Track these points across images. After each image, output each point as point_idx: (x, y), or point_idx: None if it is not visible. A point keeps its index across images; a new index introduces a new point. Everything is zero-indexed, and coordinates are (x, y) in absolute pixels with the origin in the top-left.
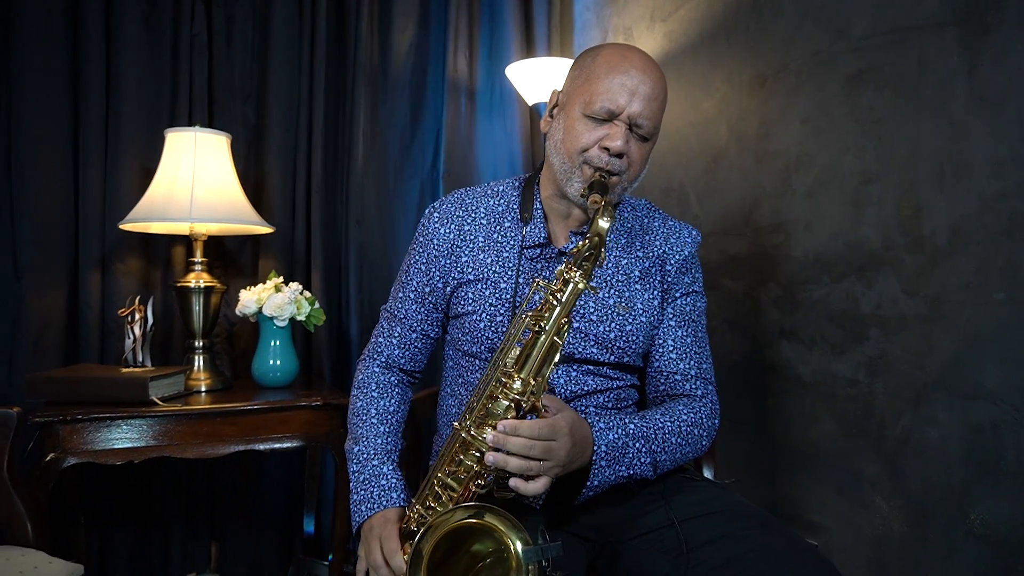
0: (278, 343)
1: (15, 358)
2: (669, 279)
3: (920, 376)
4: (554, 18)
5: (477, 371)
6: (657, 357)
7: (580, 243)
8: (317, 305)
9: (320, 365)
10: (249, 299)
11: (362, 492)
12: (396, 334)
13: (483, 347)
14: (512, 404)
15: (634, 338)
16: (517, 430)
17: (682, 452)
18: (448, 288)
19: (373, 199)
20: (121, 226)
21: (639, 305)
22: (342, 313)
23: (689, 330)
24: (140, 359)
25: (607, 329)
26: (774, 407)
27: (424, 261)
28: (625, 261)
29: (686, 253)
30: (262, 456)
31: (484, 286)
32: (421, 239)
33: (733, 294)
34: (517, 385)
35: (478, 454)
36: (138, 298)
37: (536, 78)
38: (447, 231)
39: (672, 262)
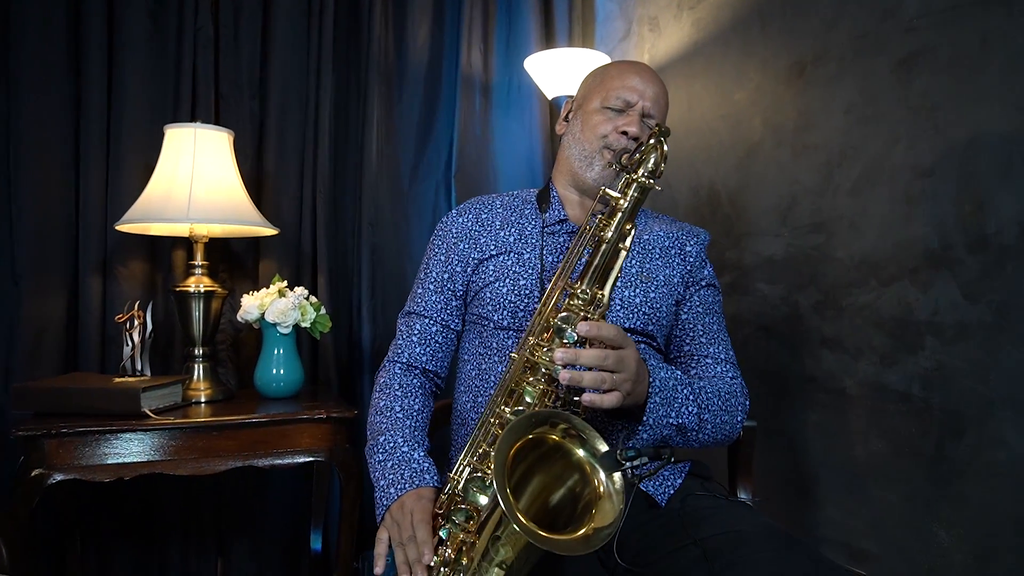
0: (281, 351)
1: (11, 366)
2: (691, 261)
3: (984, 391)
4: (576, 9)
5: (497, 353)
6: (687, 341)
7: (637, 156)
8: (323, 311)
9: (328, 375)
10: (251, 304)
11: (391, 476)
12: (416, 330)
13: (507, 313)
14: (578, 316)
15: (657, 306)
16: (599, 331)
17: (722, 418)
18: (469, 268)
19: (387, 200)
20: (117, 227)
21: (660, 277)
22: (352, 320)
23: (715, 319)
24: (139, 368)
25: (632, 294)
26: (815, 422)
27: (443, 251)
28: (646, 237)
29: (702, 239)
30: (267, 470)
31: (506, 257)
32: (440, 233)
33: (769, 299)
34: (581, 300)
35: (543, 379)
36: (137, 303)
37: (556, 70)
38: (464, 220)
39: (692, 244)
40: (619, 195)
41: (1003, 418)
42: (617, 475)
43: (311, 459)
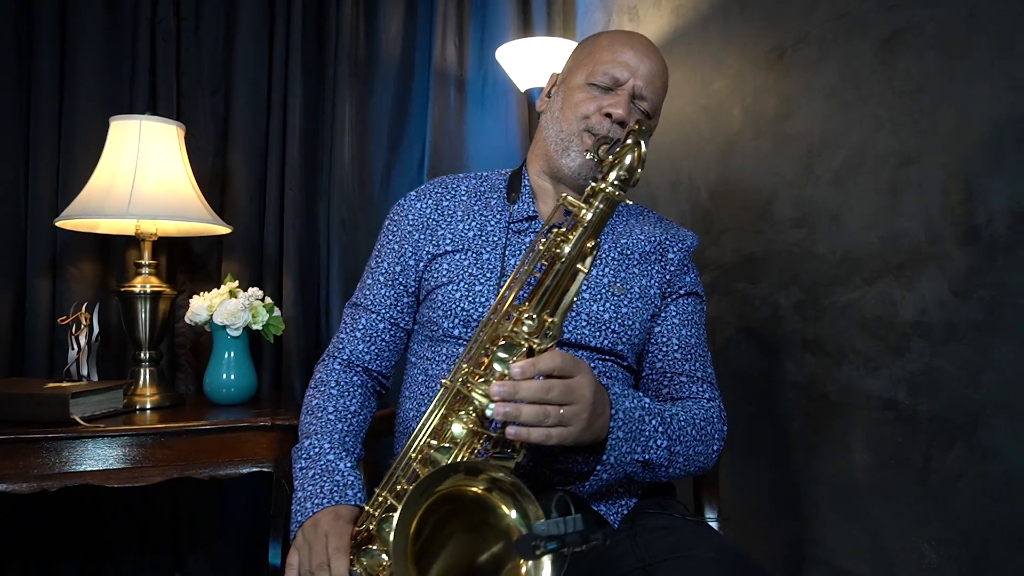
0: (232, 355)
1: None
2: (672, 269)
3: (975, 397)
4: (555, 1)
5: (446, 360)
6: (660, 357)
7: (611, 157)
8: (277, 313)
9: (291, 381)
10: (200, 306)
11: (310, 488)
12: (361, 325)
13: (457, 321)
14: (523, 347)
15: (630, 323)
16: (535, 368)
17: (695, 449)
18: (421, 264)
19: (359, 198)
20: (58, 223)
21: (636, 289)
22: (320, 323)
23: (693, 331)
24: (84, 372)
25: (601, 309)
26: (797, 431)
27: (397, 239)
28: (624, 241)
29: (687, 244)
30: (223, 480)
31: (463, 256)
32: (395, 218)
33: (750, 299)
34: (528, 324)
35: (475, 412)
36: (84, 305)
37: (529, 60)
38: (423, 206)
39: (674, 251)
40: (583, 205)
41: (995, 426)
42: (546, 559)
43: (255, 469)
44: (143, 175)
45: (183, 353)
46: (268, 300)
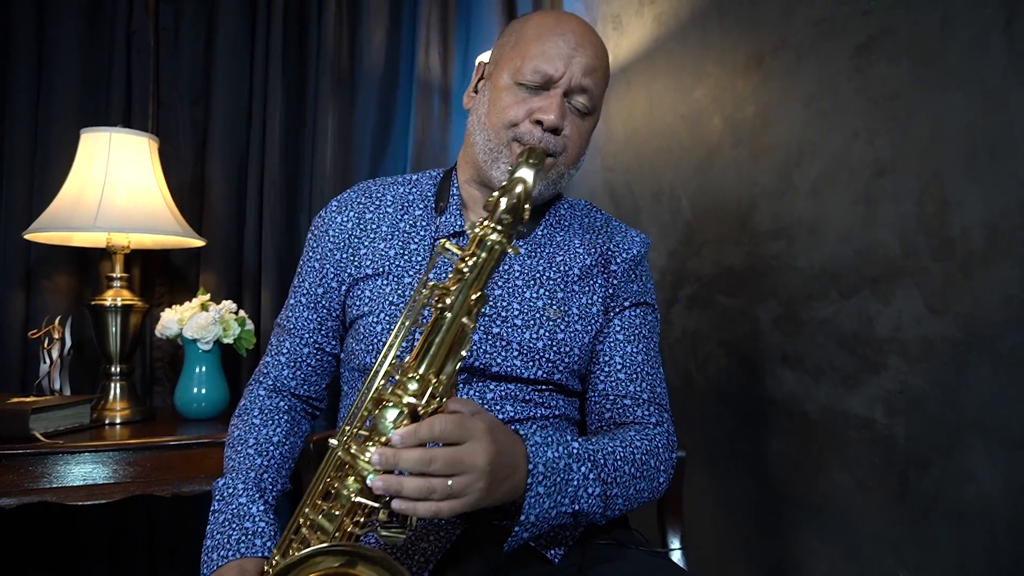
0: (203, 369)
1: None
2: (615, 282)
3: (951, 417)
4: (543, 7)
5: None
6: (602, 379)
7: (495, 196)
8: (249, 326)
9: None
10: (170, 319)
11: (218, 536)
12: (285, 349)
13: (380, 356)
14: (405, 411)
15: (567, 349)
16: (416, 435)
17: (636, 487)
18: (343, 287)
19: None
20: (26, 236)
21: (575, 310)
22: None
23: (640, 346)
24: (56, 386)
25: (534, 336)
26: (776, 449)
27: (318, 257)
28: (560, 258)
29: (634, 252)
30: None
31: (385, 281)
32: (316, 232)
33: (729, 313)
34: (413, 386)
35: (360, 480)
36: (58, 319)
37: None
38: (344, 219)
39: (618, 261)
40: (466, 254)
41: (971, 447)
42: None
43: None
44: (113, 188)
45: (160, 366)
46: (241, 313)
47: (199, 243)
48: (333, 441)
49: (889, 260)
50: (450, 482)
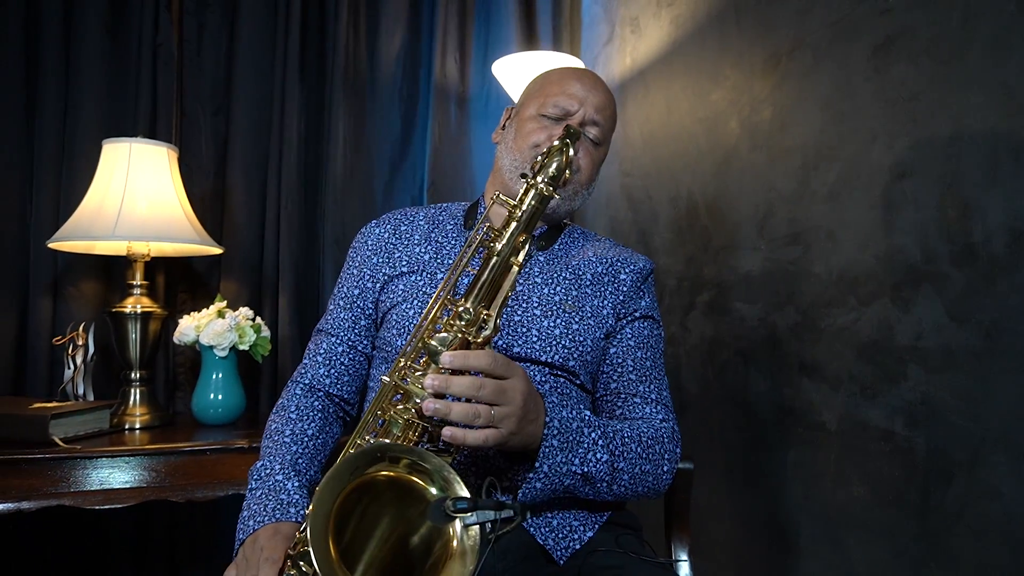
0: (220, 375)
1: None
2: (624, 290)
3: (974, 430)
4: (562, 15)
5: None
6: (615, 378)
7: (540, 157)
8: (265, 333)
9: None
10: (188, 326)
11: (255, 507)
12: (323, 350)
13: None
14: (458, 337)
15: (580, 339)
16: (466, 360)
17: (641, 468)
18: (378, 285)
19: (358, 218)
20: (50, 245)
21: (587, 308)
22: None
23: (648, 353)
24: (80, 391)
25: (551, 324)
26: (794, 461)
27: (357, 265)
28: (576, 263)
29: (640, 266)
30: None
31: (418, 277)
32: (356, 245)
33: (747, 321)
34: (466, 317)
35: (413, 408)
36: (82, 325)
37: (527, 74)
38: (382, 231)
39: (627, 271)
40: (515, 202)
41: (995, 463)
42: (474, 529)
43: (231, 492)
44: (132, 197)
45: (183, 372)
46: (258, 320)
47: (217, 251)
48: (384, 379)
49: (909, 266)
50: (493, 411)
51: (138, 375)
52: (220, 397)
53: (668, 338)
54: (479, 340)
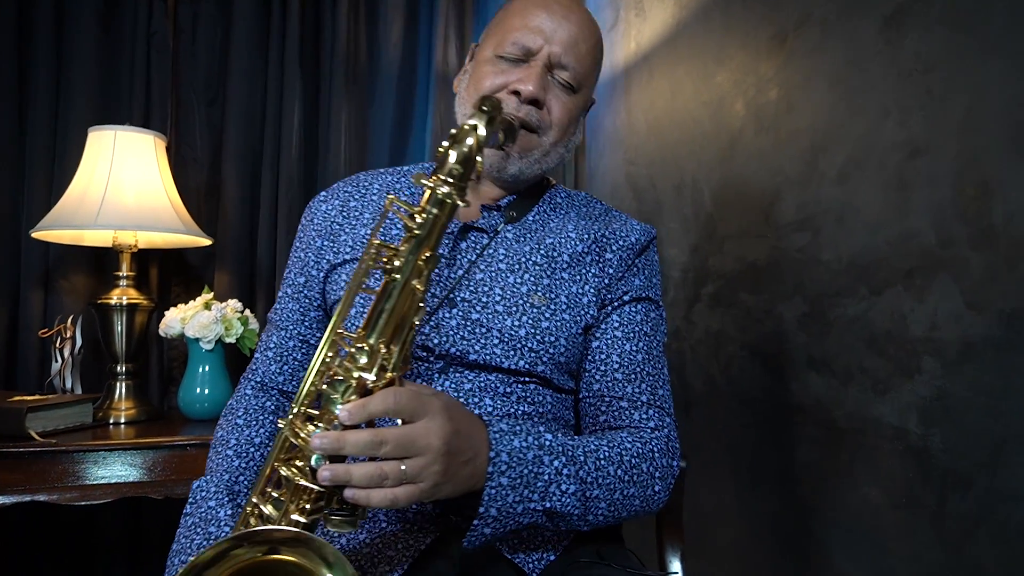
0: (207, 368)
1: None
2: (611, 272)
3: (995, 428)
4: None
5: None
6: (597, 378)
7: (444, 145)
8: (253, 325)
9: None
10: (173, 318)
11: (183, 540)
12: (272, 344)
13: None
14: (354, 385)
15: (551, 339)
16: (364, 410)
17: (624, 492)
18: (322, 274)
19: None
20: (33, 235)
21: (563, 298)
22: None
23: (640, 345)
24: (68, 385)
25: (516, 323)
26: (803, 461)
27: (302, 247)
28: (551, 241)
29: (632, 240)
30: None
31: None
32: (303, 223)
33: (753, 312)
34: (363, 358)
35: (306, 462)
36: (70, 318)
37: None
38: (328, 208)
39: (614, 249)
40: (417, 210)
41: (1018, 463)
42: None
43: None
44: (117, 186)
45: (177, 366)
46: (246, 312)
47: (206, 242)
48: (280, 422)
49: (924, 251)
50: (403, 465)
51: (124, 368)
52: (207, 391)
53: (672, 332)
54: (380, 385)
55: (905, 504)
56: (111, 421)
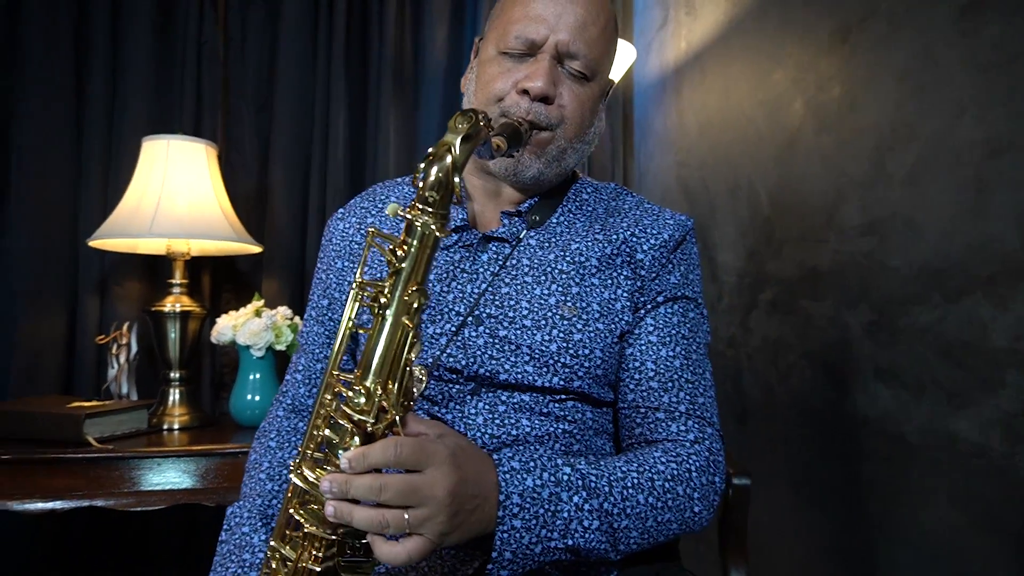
0: (258, 376)
1: (9, 386)
2: (643, 274)
3: None
4: (615, 1)
5: None
6: (631, 387)
7: (421, 166)
8: None
9: None
10: (225, 326)
11: (219, 569)
12: (300, 367)
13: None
14: (354, 430)
15: (586, 352)
16: (365, 460)
17: (657, 519)
18: (344, 295)
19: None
20: (89, 243)
21: (595, 307)
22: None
23: (677, 349)
24: (124, 390)
25: (546, 338)
26: (868, 477)
27: (323, 270)
28: (577, 246)
29: (665, 237)
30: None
31: None
32: (323, 243)
33: (814, 320)
34: (360, 400)
35: (319, 506)
36: (125, 325)
37: None
38: (346, 226)
39: (645, 249)
40: (396, 244)
41: None
42: None
43: None
44: (170, 194)
45: (228, 372)
46: (296, 319)
47: (256, 249)
48: (291, 464)
49: (1006, 256)
50: (407, 515)
51: (177, 375)
52: (257, 398)
53: (727, 339)
54: (380, 427)
55: (986, 528)
56: (165, 427)
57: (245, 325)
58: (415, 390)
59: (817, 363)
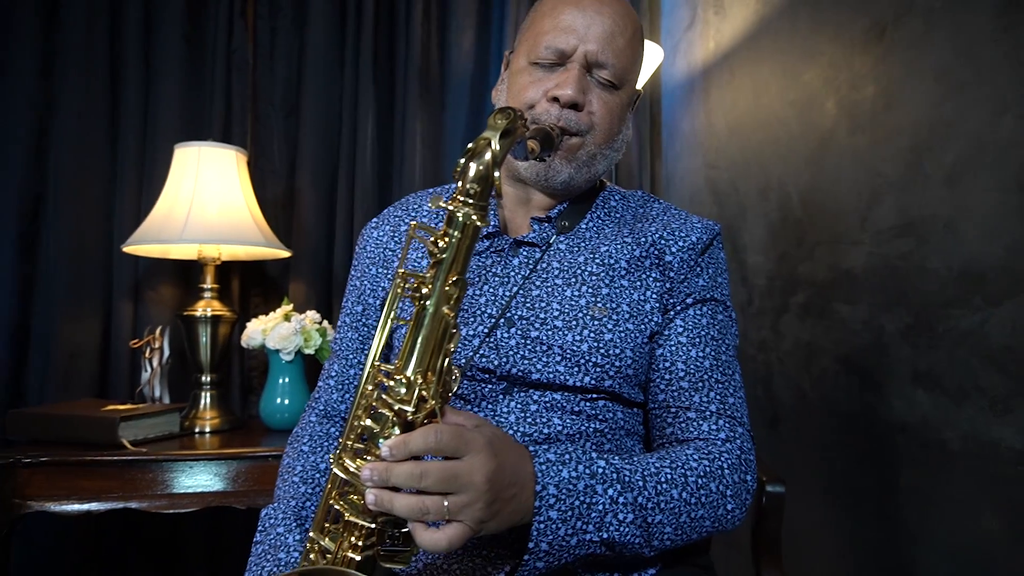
0: (287, 380)
1: (45, 389)
2: (672, 275)
3: None
4: (641, 2)
5: None
6: (662, 387)
7: (461, 162)
8: (331, 336)
9: None
10: (255, 330)
11: (254, 568)
12: (334, 372)
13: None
14: (394, 419)
15: (617, 351)
16: (406, 447)
17: (691, 515)
18: (379, 301)
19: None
20: (124, 249)
21: (624, 307)
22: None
23: (707, 350)
24: (157, 394)
25: (577, 338)
26: (908, 485)
27: (358, 275)
28: (606, 249)
29: (692, 240)
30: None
31: None
32: (357, 251)
33: (848, 324)
34: (401, 390)
35: (360, 497)
36: (158, 329)
37: None
38: (380, 234)
39: (673, 251)
40: (437, 236)
41: None
42: None
43: None
44: (201, 200)
45: (256, 376)
46: (324, 323)
47: (286, 254)
48: (331, 456)
49: None
50: (446, 501)
51: (208, 378)
52: (287, 402)
53: (758, 343)
54: (420, 416)
55: None
56: (196, 430)
57: (275, 329)
58: (452, 384)
59: (851, 367)
